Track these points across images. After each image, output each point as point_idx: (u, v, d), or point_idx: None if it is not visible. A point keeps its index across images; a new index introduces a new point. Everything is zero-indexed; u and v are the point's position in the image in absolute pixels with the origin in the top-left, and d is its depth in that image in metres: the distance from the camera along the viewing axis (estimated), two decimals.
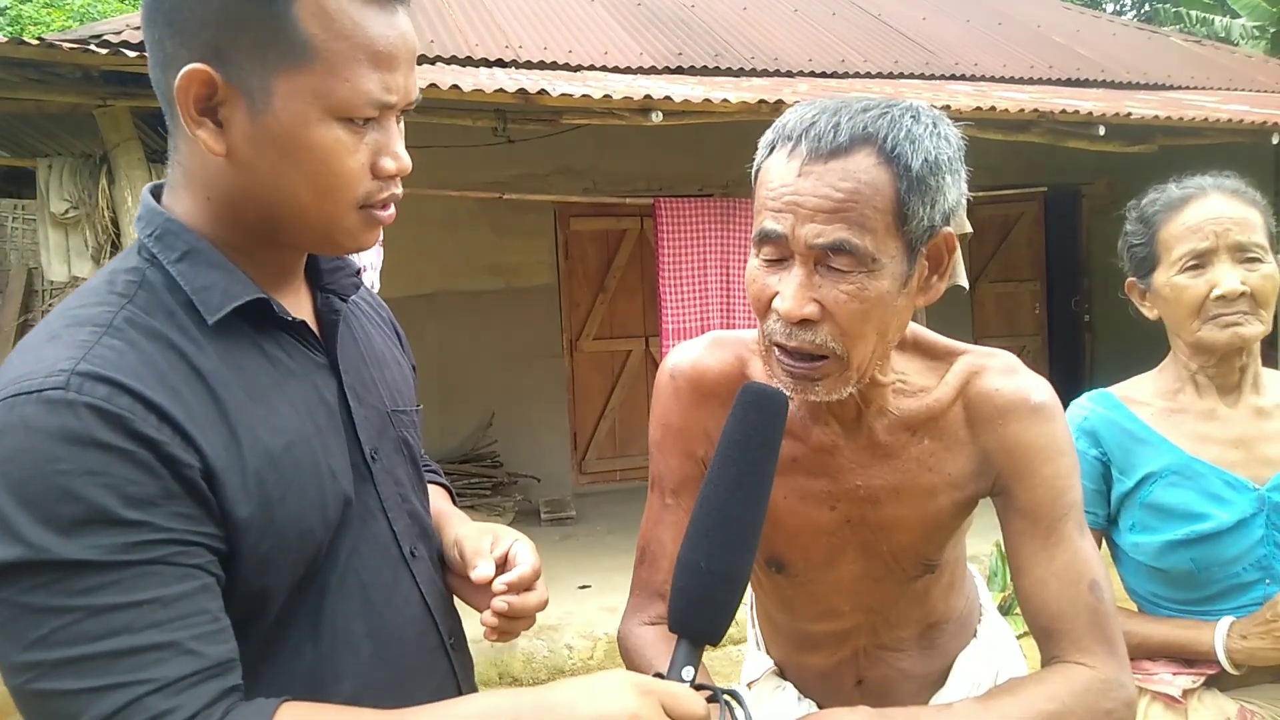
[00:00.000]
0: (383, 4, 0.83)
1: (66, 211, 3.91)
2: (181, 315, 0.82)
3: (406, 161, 0.88)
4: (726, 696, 0.81)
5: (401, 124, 0.89)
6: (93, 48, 3.52)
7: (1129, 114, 5.18)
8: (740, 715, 0.81)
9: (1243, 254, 1.39)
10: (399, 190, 0.90)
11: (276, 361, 0.87)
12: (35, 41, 3.70)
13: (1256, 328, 1.40)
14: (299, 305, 0.94)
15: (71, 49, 3.50)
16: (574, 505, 6.15)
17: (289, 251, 0.92)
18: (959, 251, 1.03)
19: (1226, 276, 1.38)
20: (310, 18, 0.79)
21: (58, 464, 0.71)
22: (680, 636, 0.85)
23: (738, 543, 0.85)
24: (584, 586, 4.73)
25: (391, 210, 0.91)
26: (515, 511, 6.01)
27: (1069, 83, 7.27)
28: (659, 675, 0.82)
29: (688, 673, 0.82)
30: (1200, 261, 1.40)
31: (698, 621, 0.84)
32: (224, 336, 0.83)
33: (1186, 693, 1.41)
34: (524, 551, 1.02)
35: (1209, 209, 1.41)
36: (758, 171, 0.99)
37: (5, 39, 3.59)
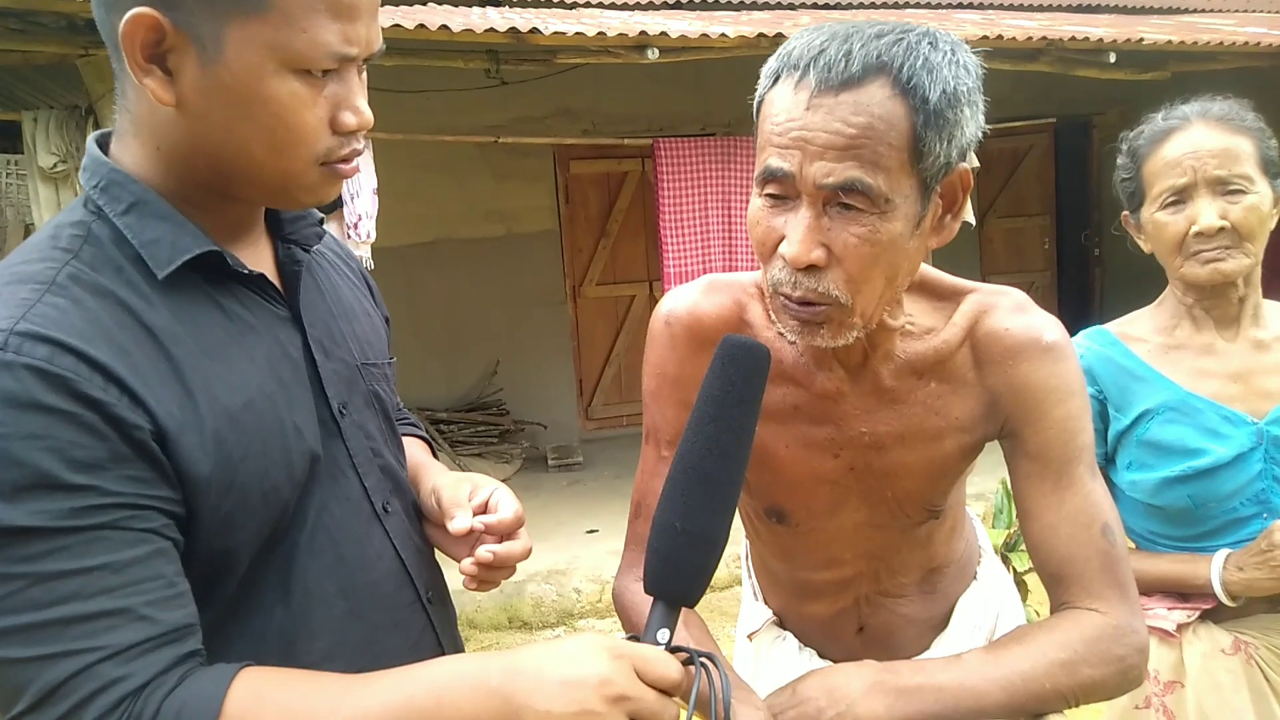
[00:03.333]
0: None
1: (55, 165, 3.86)
2: (130, 270, 0.79)
3: (368, 116, 0.84)
4: (703, 660, 0.79)
5: (364, 74, 0.84)
6: None
7: (1141, 39, 5.03)
8: (716, 679, 0.79)
9: (1223, 187, 1.35)
10: (361, 144, 0.86)
11: (234, 316, 0.84)
12: None
13: (1240, 261, 1.36)
14: (258, 258, 0.90)
15: None
16: (581, 451, 6.17)
17: (245, 204, 0.88)
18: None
19: (1204, 212, 1.35)
20: None
21: None
22: (656, 598, 0.82)
23: (714, 503, 0.82)
24: (591, 531, 4.78)
25: (355, 164, 0.87)
26: (523, 459, 6.05)
27: (1079, 9, 7.08)
28: (633, 638, 0.80)
29: (663, 635, 0.80)
30: (1180, 197, 1.38)
31: (673, 583, 0.82)
32: (176, 292, 0.80)
33: (1181, 627, 1.41)
34: (505, 499, 1.00)
35: (1188, 142, 1.37)
36: (760, 104, 0.94)
37: None
